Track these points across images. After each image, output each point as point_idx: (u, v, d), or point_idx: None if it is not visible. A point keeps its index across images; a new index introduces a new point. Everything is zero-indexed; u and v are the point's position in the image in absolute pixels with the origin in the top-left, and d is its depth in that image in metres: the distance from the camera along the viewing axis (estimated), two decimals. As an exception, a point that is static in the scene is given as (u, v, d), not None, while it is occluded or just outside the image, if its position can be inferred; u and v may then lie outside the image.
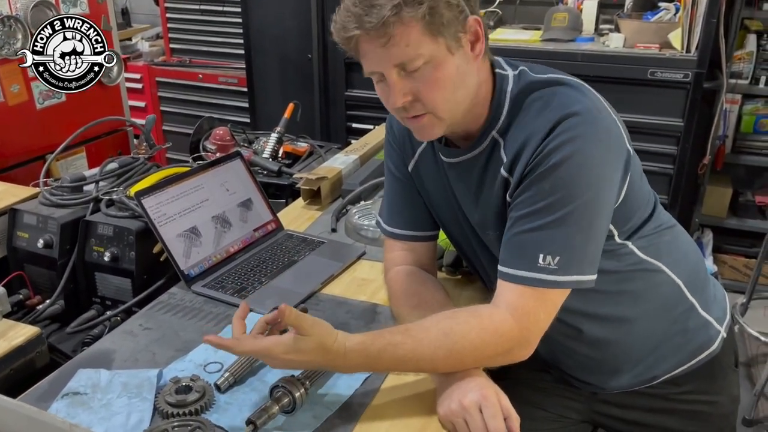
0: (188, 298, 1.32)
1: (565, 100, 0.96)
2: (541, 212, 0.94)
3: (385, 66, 0.95)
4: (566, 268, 0.94)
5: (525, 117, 0.99)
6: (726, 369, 1.19)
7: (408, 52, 0.92)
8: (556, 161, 0.92)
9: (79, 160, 2.39)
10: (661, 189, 2.60)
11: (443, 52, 0.94)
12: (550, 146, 0.93)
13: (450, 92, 0.96)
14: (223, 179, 1.52)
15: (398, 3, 0.90)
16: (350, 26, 0.93)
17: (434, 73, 0.94)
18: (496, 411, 0.93)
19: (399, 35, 0.91)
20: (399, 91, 0.96)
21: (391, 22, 0.90)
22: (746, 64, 2.90)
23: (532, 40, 2.74)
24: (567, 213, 0.93)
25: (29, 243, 1.53)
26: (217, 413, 1.00)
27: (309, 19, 3.02)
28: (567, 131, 0.92)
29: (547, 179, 0.93)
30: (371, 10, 0.90)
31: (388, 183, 1.25)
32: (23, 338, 1.20)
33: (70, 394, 1.02)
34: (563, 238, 0.94)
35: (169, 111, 3.84)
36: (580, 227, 0.94)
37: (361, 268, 1.45)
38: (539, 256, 0.94)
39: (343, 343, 0.95)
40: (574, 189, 0.93)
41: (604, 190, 0.96)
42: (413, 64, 0.93)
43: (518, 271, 0.96)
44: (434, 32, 0.92)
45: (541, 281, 0.95)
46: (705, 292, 1.16)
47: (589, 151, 0.93)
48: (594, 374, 1.16)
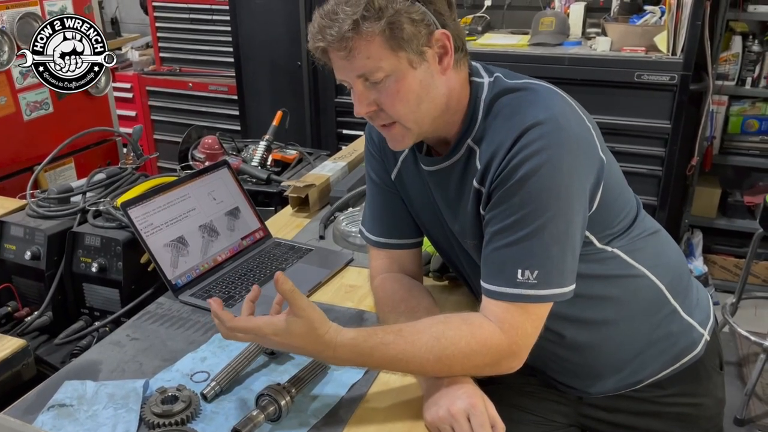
0: (176, 308, 1.32)
1: (530, 108, 0.96)
2: (514, 227, 0.95)
3: (350, 76, 0.97)
4: (546, 281, 0.95)
5: (495, 124, 1.00)
6: (710, 372, 1.19)
7: (368, 64, 0.94)
8: (524, 174, 0.93)
9: (68, 171, 2.39)
10: (650, 191, 2.62)
11: (404, 66, 0.95)
12: (517, 159, 0.93)
13: (413, 105, 0.97)
14: (210, 188, 1.52)
15: (357, 18, 0.91)
16: (317, 38, 0.95)
17: (396, 86, 0.96)
18: (484, 420, 0.93)
19: (358, 49, 0.93)
20: (363, 101, 0.98)
21: (350, 36, 0.92)
22: (732, 65, 2.92)
23: (520, 44, 2.76)
24: (540, 226, 0.93)
25: (17, 255, 1.53)
26: (203, 422, 1.00)
27: (298, 26, 3.03)
28: (532, 143, 0.93)
29: (516, 193, 0.94)
30: (333, 24, 0.92)
31: (369, 192, 1.25)
32: (9, 351, 1.20)
33: (56, 406, 1.02)
34: (540, 252, 0.94)
35: (160, 120, 3.84)
36: (554, 239, 0.94)
37: (349, 275, 1.45)
38: (518, 272, 0.95)
39: (335, 336, 0.96)
40: (544, 201, 0.93)
41: (575, 200, 0.96)
42: (375, 76, 0.95)
43: (499, 288, 0.97)
44: (394, 47, 0.93)
45: (522, 296, 0.95)
46: (688, 296, 1.17)
47: (556, 160, 0.93)
48: (578, 378, 1.16)
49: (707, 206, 3.08)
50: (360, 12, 0.91)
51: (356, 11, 0.91)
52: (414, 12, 0.93)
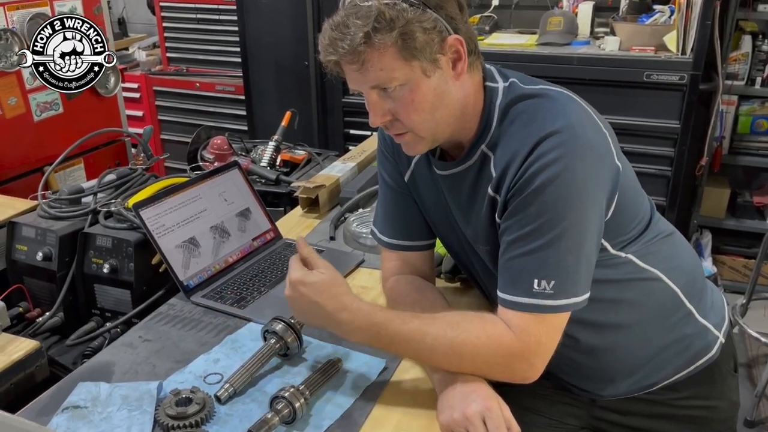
0: (187, 309, 1.32)
1: (547, 116, 0.95)
2: (530, 236, 0.94)
3: (363, 87, 0.97)
4: (562, 291, 0.94)
5: (510, 131, 0.99)
6: (725, 374, 1.18)
7: (381, 75, 0.93)
8: (540, 184, 0.92)
9: (77, 172, 2.40)
10: (659, 191, 2.61)
11: (418, 75, 0.94)
12: (533, 168, 0.93)
13: (428, 113, 0.97)
14: (221, 189, 1.52)
15: (368, 31, 0.90)
16: (328, 51, 0.94)
17: (410, 95, 0.95)
18: (500, 423, 0.93)
19: (371, 60, 0.92)
20: (378, 111, 0.98)
21: (362, 50, 0.91)
22: (742, 65, 2.90)
23: (528, 44, 2.75)
24: (556, 235, 0.93)
25: (28, 256, 1.53)
26: (217, 425, 1.00)
27: (305, 26, 3.03)
28: (549, 152, 0.92)
29: (532, 203, 0.93)
30: (345, 36, 0.91)
31: (382, 193, 1.25)
32: (23, 352, 1.20)
33: (70, 408, 1.02)
34: (555, 261, 0.94)
35: (167, 120, 3.84)
36: (570, 248, 0.94)
37: (360, 276, 1.45)
38: (534, 282, 0.94)
39: (354, 300, 0.99)
40: (560, 210, 0.93)
41: (591, 208, 0.95)
42: (389, 86, 0.95)
43: (516, 298, 0.97)
44: (407, 57, 0.92)
45: (538, 307, 0.95)
46: (703, 298, 1.16)
47: (572, 170, 0.92)
48: (592, 381, 1.16)
49: (716, 207, 3.07)
50: (371, 24, 0.90)
51: (367, 23, 0.90)
52: (425, 20, 0.92)
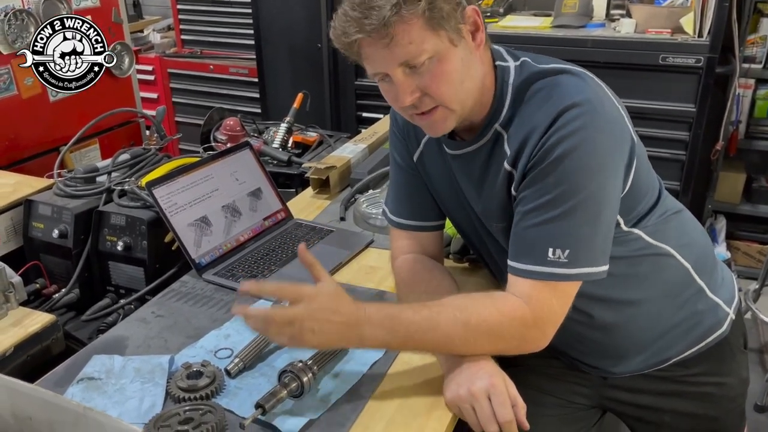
0: (199, 286, 1.34)
1: (566, 91, 0.96)
2: (547, 206, 0.95)
3: (390, 66, 0.95)
4: (576, 260, 0.95)
5: (527, 109, 0.99)
6: (735, 351, 1.19)
7: (411, 49, 0.92)
8: (559, 154, 0.93)
9: (93, 152, 2.42)
10: (673, 175, 2.59)
11: (446, 45, 0.94)
12: (553, 139, 0.93)
13: (458, 84, 0.97)
14: (232, 169, 1.54)
15: (397, 2, 0.90)
16: (351, 30, 0.92)
17: (440, 66, 0.94)
18: (505, 399, 0.94)
19: (401, 34, 0.91)
20: (406, 90, 0.96)
21: (392, 21, 0.90)
22: (759, 48, 2.85)
23: (543, 26, 2.72)
24: (573, 205, 0.93)
25: (44, 233, 1.56)
26: (227, 398, 1.02)
27: (318, 8, 3.02)
28: (569, 123, 0.93)
29: (551, 173, 0.94)
30: (370, 13, 0.90)
31: (393, 173, 1.26)
32: (39, 325, 1.23)
33: (85, 379, 1.05)
34: (571, 231, 0.94)
35: (181, 102, 3.86)
36: (586, 219, 0.94)
37: (369, 256, 1.46)
38: (549, 250, 0.95)
39: (362, 304, 0.98)
40: (578, 181, 0.93)
41: (609, 181, 0.96)
42: (418, 60, 0.93)
43: (529, 266, 0.97)
44: (435, 26, 0.92)
45: (552, 275, 0.95)
46: (713, 274, 1.17)
47: (591, 142, 0.93)
48: (604, 359, 1.17)
49: (731, 192, 3.03)
50: None
51: None
52: None
